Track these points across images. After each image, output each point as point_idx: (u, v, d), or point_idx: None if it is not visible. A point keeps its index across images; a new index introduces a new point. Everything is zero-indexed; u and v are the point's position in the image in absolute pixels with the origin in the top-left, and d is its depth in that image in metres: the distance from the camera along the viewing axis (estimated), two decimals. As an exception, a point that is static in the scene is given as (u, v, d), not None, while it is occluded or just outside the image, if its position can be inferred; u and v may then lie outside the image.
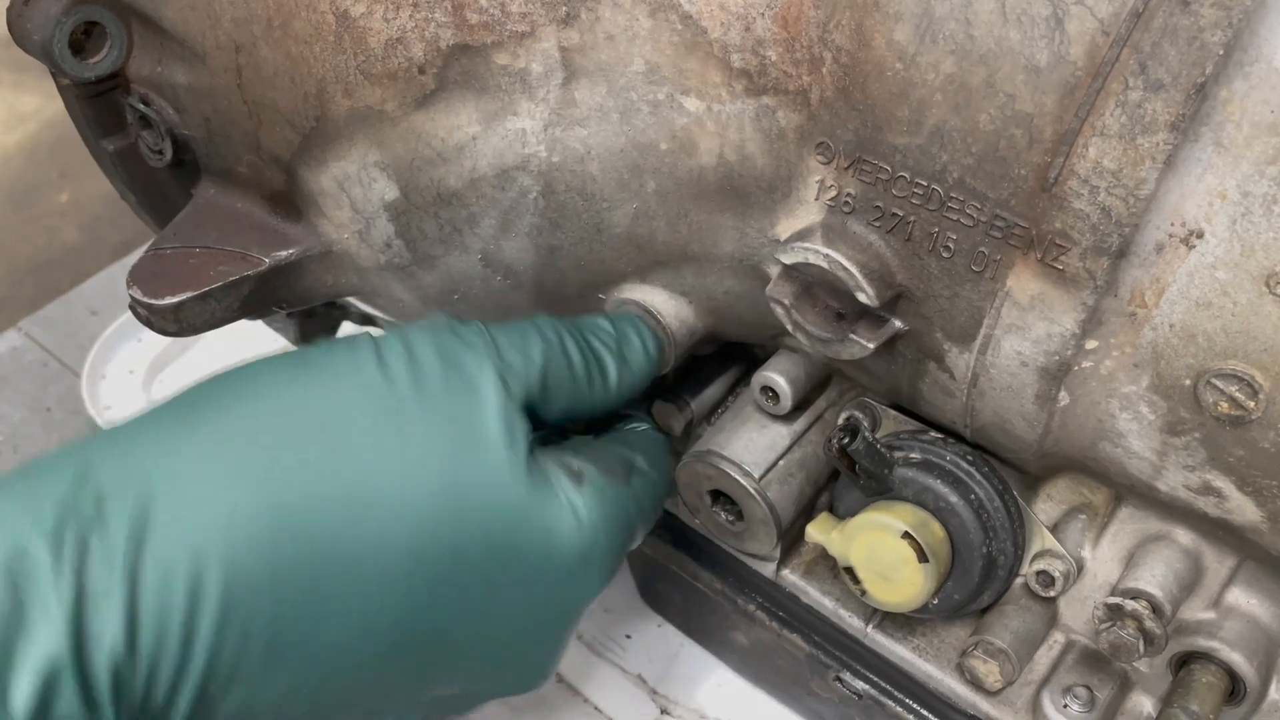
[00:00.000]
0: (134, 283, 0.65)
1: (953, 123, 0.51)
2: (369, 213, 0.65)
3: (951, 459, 0.61)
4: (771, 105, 0.55)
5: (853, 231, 0.55)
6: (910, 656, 0.66)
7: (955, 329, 0.55)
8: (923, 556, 0.59)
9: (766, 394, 0.66)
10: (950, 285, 0.54)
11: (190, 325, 0.66)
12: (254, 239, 0.68)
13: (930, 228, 0.53)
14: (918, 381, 0.60)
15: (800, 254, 0.56)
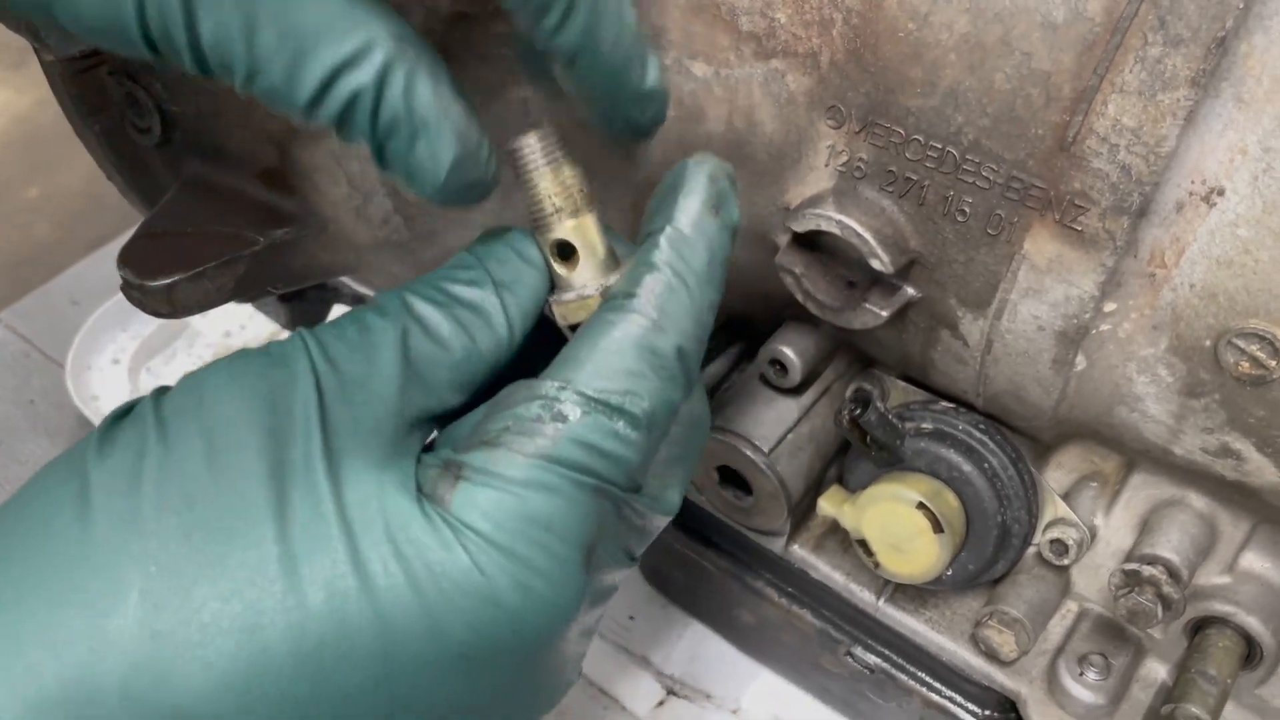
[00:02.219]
0: (125, 264, 0.64)
1: (968, 83, 0.50)
2: (367, 188, 0.63)
3: (964, 428, 0.61)
4: (781, 69, 0.54)
5: (865, 197, 0.55)
6: (923, 629, 0.66)
7: (970, 295, 0.55)
8: (938, 527, 0.58)
9: (774, 367, 0.65)
10: (965, 250, 0.53)
11: (184, 306, 0.65)
12: (247, 217, 0.67)
13: (945, 191, 0.52)
14: (929, 350, 0.59)
15: (812, 221, 0.55)
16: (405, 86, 0.36)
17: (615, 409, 0.38)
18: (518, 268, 0.43)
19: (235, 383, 0.36)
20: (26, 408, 1.10)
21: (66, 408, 1.06)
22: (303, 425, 0.35)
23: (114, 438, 0.35)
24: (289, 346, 0.38)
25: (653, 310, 0.40)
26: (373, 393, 0.37)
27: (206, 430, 0.34)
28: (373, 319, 0.39)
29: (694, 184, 0.42)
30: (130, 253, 0.65)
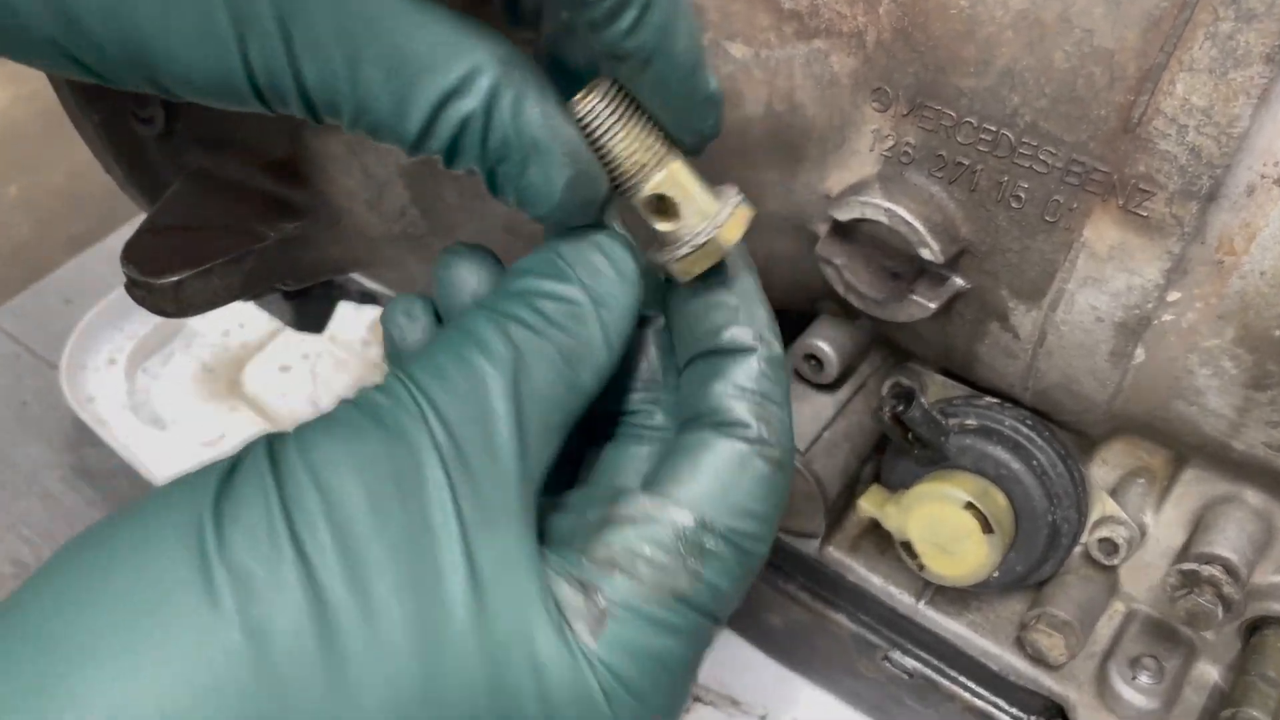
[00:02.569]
0: (129, 261, 0.61)
1: (1025, 62, 0.47)
2: (382, 178, 0.61)
3: (1010, 424, 0.58)
4: (824, 49, 0.51)
5: (913, 183, 0.52)
6: (966, 632, 0.63)
7: (1023, 285, 0.52)
8: (987, 527, 0.56)
9: (810, 362, 0.62)
10: (1020, 238, 0.51)
11: (191, 304, 0.62)
12: (255, 211, 0.64)
13: (999, 176, 0.50)
14: (975, 343, 0.57)
15: (856, 209, 0.52)
16: (514, 110, 0.34)
17: (744, 552, 0.37)
18: (612, 280, 0.38)
19: (360, 474, 0.32)
20: (19, 410, 1.07)
21: (61, 409, 1.02)
22: (440, 530, 0.32)
23: (235, 521, 0.31)
24: (404, 414, 0.33)
25: (777, 448, 0.38)
26: (497, 470, 0.34)
27: (340, 542, 0.31)
28: (480, 363, 0.35)
29: (744, 286, 0.41)
30: (134, 249, 0.62)
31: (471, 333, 0.36)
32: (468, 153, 0.35)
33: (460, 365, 0.35)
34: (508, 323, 0.36)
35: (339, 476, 0.31)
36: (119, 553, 0.30)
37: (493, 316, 0.36)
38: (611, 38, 0.34)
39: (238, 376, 1.06)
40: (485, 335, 0.35)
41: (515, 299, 0.37)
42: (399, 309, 0.41)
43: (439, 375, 0.34)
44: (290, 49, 0.32)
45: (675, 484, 0.37)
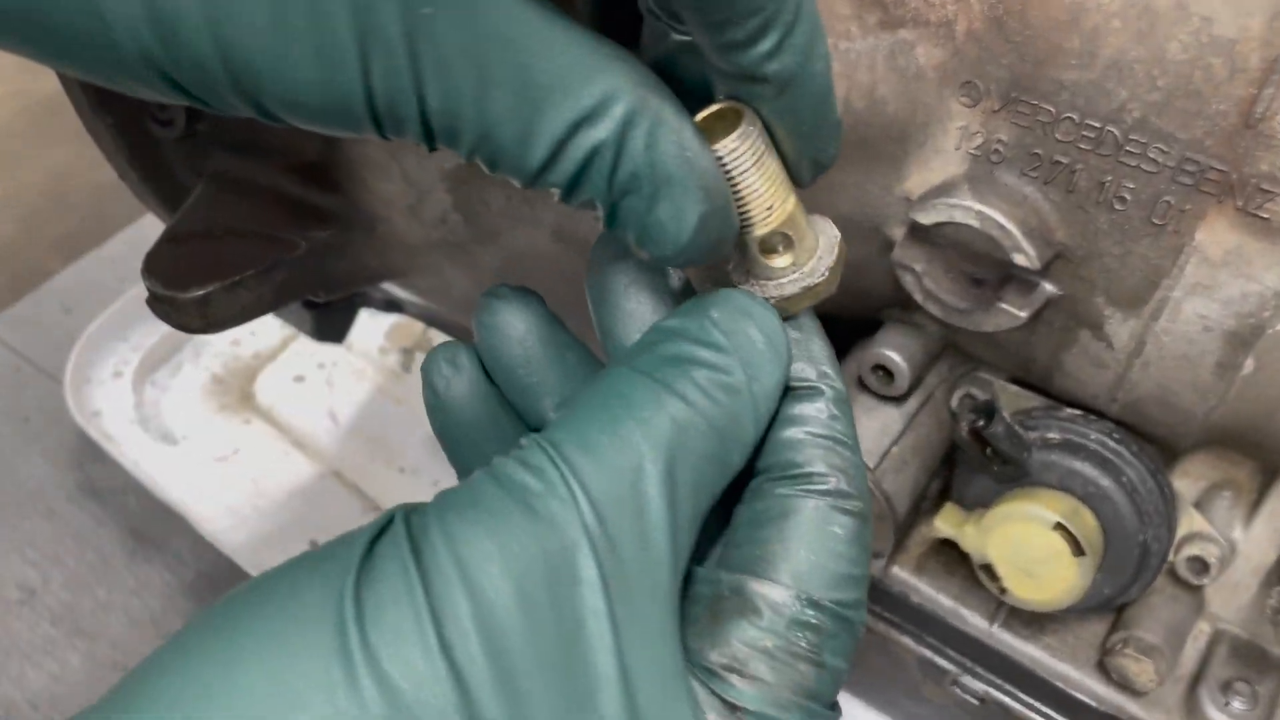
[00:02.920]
0: (151, 274, 0.57)
1: (1134, 53, 0.44)
2: (424, 184, 0.57)
3: (1097, 438, 0.55)
4: (909, 40, 0.48)
5: (1004, 183, 0.48)
6: (1042, 656, 0.60)
7: (1122, 292, 0.49)
8: (1077, 549, 0.53)
9: (878, 373, 0.59)
10: (1122, 242, 0.47)
11: (218, 320, 0.58)
12: (284, 218, 0.60)
13: (1101, 176, 0.46)
14: (1061, 352, 0.54)
15: (943, 212, 0.49)
16: (648, 140, 0.31)
17: (850, 624, 0.34)
18: (765, 355, 0.35)
19: (511, 573, 0.28)
20: (21, 425, 1.02)
21: (65, 424, 0.98)
22: (595, 639, 0.29)
23: (379, 623, 0.27)
24: (555, 500, 0.30)
25: (858, 498, 0.35)
26: (649, 565, 0.31)
27: (494, 657, 0.28)
28: (638, 440, 0.31)
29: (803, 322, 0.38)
30: (155, 261, 0.58)
31: (628, 401, 0.32)
32: (591, 186, 0.31)
33: (615, 441, 0.31)
34: (665, 393, 0.32)
35: (490, 576, 0.28)
36: (249, 648, 0.27)
37: (649, 384, 0.33)
38: (750, 61, 0.31)
39: (250, 388, 1.02)
40: (642, 406, 0.32)
41: (671, 366, 0.33)
42: (442, 358, 0.38)
43: (592, 452, 0.31)
44: (416, 69, 0.28)
45: (773, 561, 0.34)
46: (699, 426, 0.32)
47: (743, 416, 0.34)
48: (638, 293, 0.38)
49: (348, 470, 0.95)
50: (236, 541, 0.89)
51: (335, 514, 0.93)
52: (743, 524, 0.36)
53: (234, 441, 0.98)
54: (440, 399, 0.38)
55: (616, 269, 0.38)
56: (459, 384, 0.38)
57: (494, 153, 0.30)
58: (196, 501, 0.91)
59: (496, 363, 0.38)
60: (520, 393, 0.39)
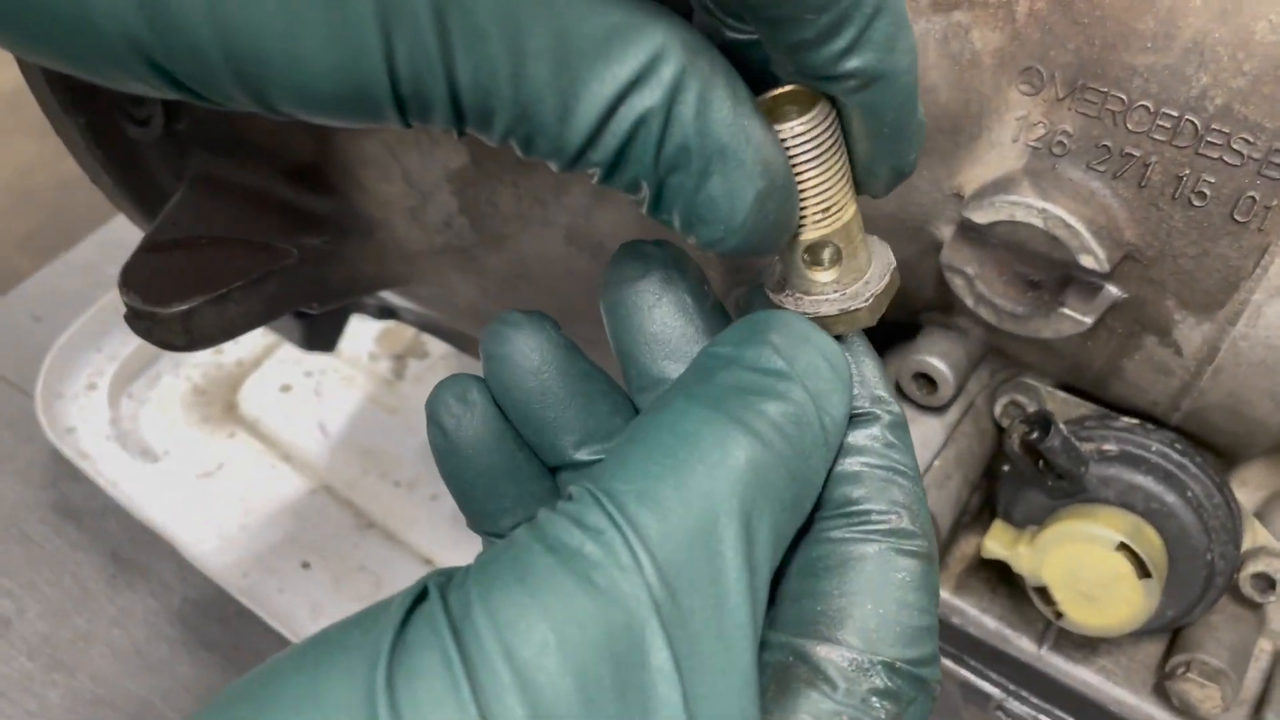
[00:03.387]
0: (129, 287, 0.52)
1: (1217, 34, 0.40)
2: (427, 185, 0.52)
3: (1158, 449, 0.51)
4: (964, 23, 0.44)
5: (1068, 178, 0.45)
6: (1096, 681, 0.56)
7: (1196, 295, 0.45)
8: (1143, 571, 0.49)
9: (919, 382, 0.55)
10: (1199, 241, 0.43)
11: (205, 336, 0.53)
12: (274, 224, 0.55)
13: (1178, 170, 0.42)
14: (1121, 359, 0.50)
15: (1002, 210, 0.45)
16: (699, 106, 0.27)
17: (925, 684, 0.30)
18: (831, 383, 0.31)
19: (569, 660, 0.24)
20: (-10, 442, 0.97)
21: (38, 441, 0.93)
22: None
23: (417, 707, 0.23)
24: (617, 570, 0.26)
25: (922, 537, 0.31)
26: (727, 642, 0.26)
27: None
28: (709, 491, 0.27)
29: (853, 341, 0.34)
30: (134, 273, 0.53)
31: (694, 441, 0.28)
32: (636, 161, 0.27)
33: (684, 493, 0.27)
34: (736, 430, 0.28)
35: (546, 671, 0.24)
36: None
37: (717, 419, 0.28)
38: (823, 61, 0.27)
39: (233, 398, 0.97)
40: (711, 447, 0.28)
41: (737, 398, 0.29)
42: (450, 394, 0.34)
43: (657, 507, 0.26)
44: (445, 43, 0.24)
45: (838, 620, 0.30)
46: (775, 470, 0.28)
47: (814, 454, 0.30)
48: (663, 314, 0.34)
49: (340, 485, 0.91)
50: (224, 564, 0.84)
51: (328, 531, 0.88)
52: (795, 573, 0.32)
53: (218, 456, 0.93)
54: (450, 440, 0.34)
55: (639, 287, 0.34)
56: (470, 422, 0.34)
57: (531, 131, 0.26)
58: (180, 522, 0.86)
59: (508, 397, 0.34)
60: (537, 430, 0.34)
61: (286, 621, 0.81)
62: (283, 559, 0.85)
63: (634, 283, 0.34)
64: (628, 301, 0.34)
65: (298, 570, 0.85)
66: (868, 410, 0.32)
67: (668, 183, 0.28)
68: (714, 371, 0.30)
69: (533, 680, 0.23)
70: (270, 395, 0.97)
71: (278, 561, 0.85)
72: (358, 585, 0.85)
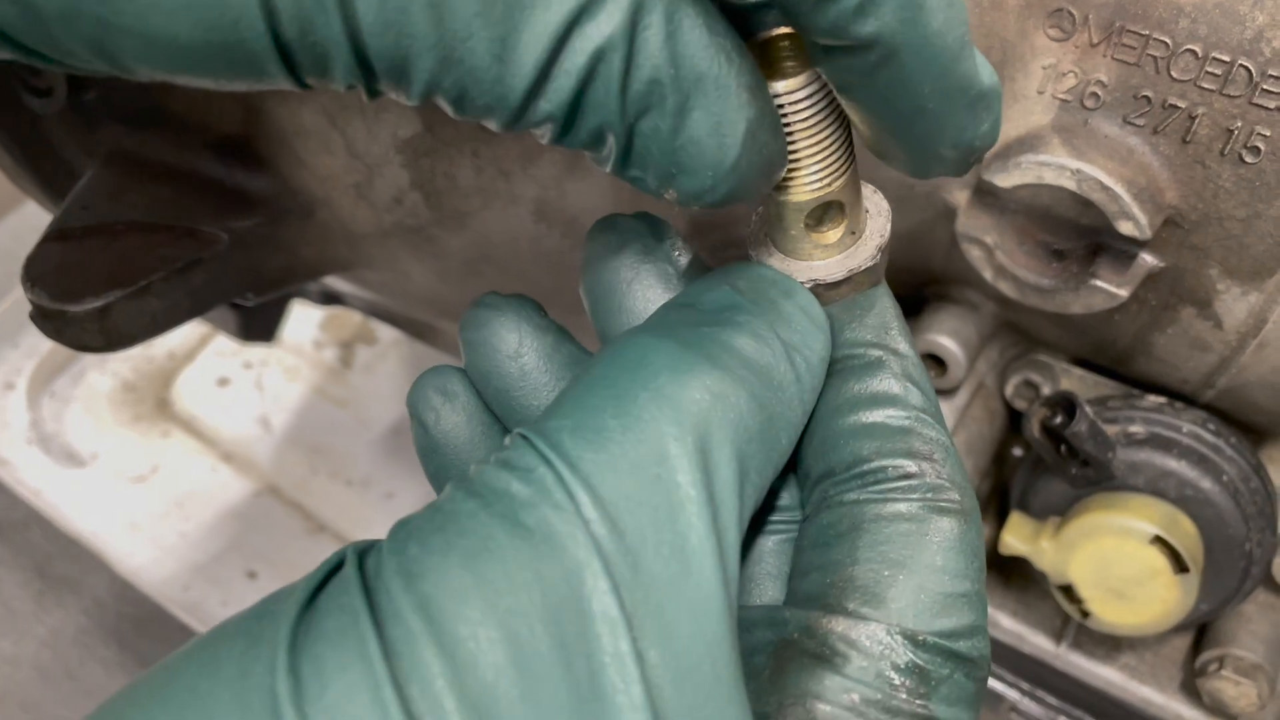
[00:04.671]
0: (34, 282, 0.45)
1: (1278, -35, 0.35)
2: (374, 157, 0.46)
3: (1189, 430, 0.47)
4: (987, -41, 0.38)
5: (1102, 135, 0.40)
6: (1120, 679, 0.53)
7: (1244, 263, 0.40)
8: (1179, 565, 0.45)
9: (928, 363, 0.50)
10: (1249, 203, 0.39)
11: (123, 335, 0.47)
12: (199, 206, 0.49)
13: (1228, 122, 0.38)
14: (1152, 333, 0.45)
15: (1030, 172, 0.40)
16: (668, 28, 0.23)
17: (967, 660, 0.26)
18: (804, 326, 0.28)
19: (499, 619, 0.20)
20: (-102, 450, 0.89)
21: (-50, 448, 0.85)
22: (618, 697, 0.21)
23: (320, 700, 0.20)
24: (552, 510, 0.22)
25: (955, 489, 0.27)
26: (691, 589, 0.22)
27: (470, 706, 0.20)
28: (657, 418, 0.23)
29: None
30: (40, 265, 0.46)
31: (639, 367, 0.24)
32: (598, 107, 0.23)
33: (627, 421, 0.23)
34: (690, 355, 0.24)
35: (468, 621, 0.20)
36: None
37: (668, 346, 0.25)
38: (831, 22, 0.22)
39: (166, 394, 0.90)
40: (659, 372, 0.24)
41: (691, 328, 0.26)
42: (431, 386, 0.31)
43: (596, 438, 0.23)
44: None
45: (851, 589, 0.26)
46: (734, 395, 0.24)
47: (786, 389, 0.26)
48: (644, 289, 0.31)
49: (287, 485, 0.84)
50: (162, 576, 0.77)
51: (275, 537, 0.82)
52: (806, 546, 0.28)
53: (151, 458, 0.86)
54: (432, 435, 0.31)
55: (617, 262, 0.31)
56: (451, 416, 0.31)
57: (462, 81, 0.22)
58: (112, 532, 0.79)
59: (489, 386, 0.31)
60: (521, 421, 0.31)
61: (233, 636, 0.74)
62: (227, 569, 0.79)
63: (613, 256, 0.31)
64: (606, 277, 0.31)
65: (244, 580, 0.78)
66: (878, 358, 0.29)
67: (639, 130, 0.23)
68: (665, 314, 0.27)
69: (452, 633, 0.20)
70: (207, 390, 0.90)
71: (221, 572, 0.78)
72: (310, 593, 0.79)
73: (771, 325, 0.27)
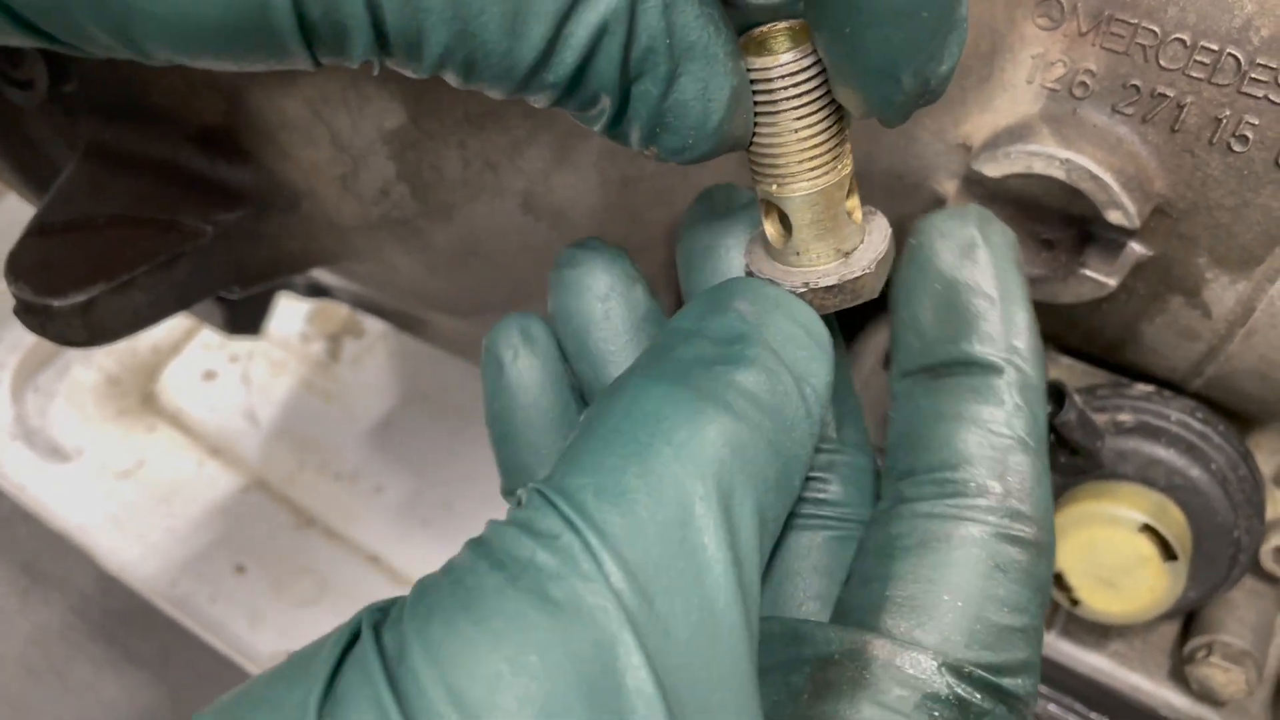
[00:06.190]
0: (17, 277, 0.45)
1: (1266, -47, 0.35)
2: (359, 149, 0.46)
3: (1178, 418, 0.47)
4: (976, -52, 0.38)
5: (1091, 124, 0.40)
6: (1109, 666, 0.53)
7: (1232, 251, 0.41)
8: (1168, 553, 0.45)
9: (916, 354, 0.50)
10: (1238, 191, 0.39)
11: (107, 329, 0.46)
12: (183, 199, 0.49)
13: (1216, 111, 0.38)
14: (1140, 322, 0.45)
15: (1019, 161, 0.40)
16: (666, 2, 0.24)
17: (1014, 698, 0.26)
18: (808, 350, 0.27)
19: (528, 698, 0.19)
20: (-121, 448, 0.88)
21: (-67, 445, 0.84)
22: None
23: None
24: (580, 582, 0.21)
25: (1034, 523, 0.27)
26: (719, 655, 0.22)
27: None
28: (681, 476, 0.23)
29: (1008, 277, 0.30)
30: (21, 259, 0.46)
31: (657, 420, 0.23)
32: (598, 74, 0.24)
33: (650, 481, 0.22)
34: (705, 404, 0.24)
35: (498, 702, 0.20)
36: None
37: (681, 395, 0.24)
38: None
39: (152, 388, 0.90)
40: (678, 426, 0.23)
41: (703, 369, 0.25)
42: (516, 326, 0.33)
43: (620, 500, 0.22)
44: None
45: (907, 611, 0.26)
46: (753, 445, 0.24)
47: (797, 426, 0.26)
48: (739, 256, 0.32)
49: (274, 479, 0.84)
50: (149, 572, 0.77)
51: (263, 531, 0.81)
52: (871, 551, 0.28)
53: (137, 453, 0.86)
54: (505, 375, 0.33)
55: (712, 228, 0.32)
56: (528, 360, 0.33)
57: (473, 55, 0.23)
58: (98, 527, 0.79)
59: (569, 324, 0.33)
60: (592, 364, 0.32)
61: (221, 632, 0.74)
62: (214, 564, 0.78)
63: (709, 221, 0.32)
64: (700, 242, 0.32)
65: (232, 575, 0.78)
66: (996, 361, 0.28)
67: (632, 93, 0.25)
68: (673, 347, 0.26)
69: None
70: (193, 383, 0.90)
71: (209, 567, 0.78)
72: (299, 588, 0.78)
73: (781, 357, 0.26)
